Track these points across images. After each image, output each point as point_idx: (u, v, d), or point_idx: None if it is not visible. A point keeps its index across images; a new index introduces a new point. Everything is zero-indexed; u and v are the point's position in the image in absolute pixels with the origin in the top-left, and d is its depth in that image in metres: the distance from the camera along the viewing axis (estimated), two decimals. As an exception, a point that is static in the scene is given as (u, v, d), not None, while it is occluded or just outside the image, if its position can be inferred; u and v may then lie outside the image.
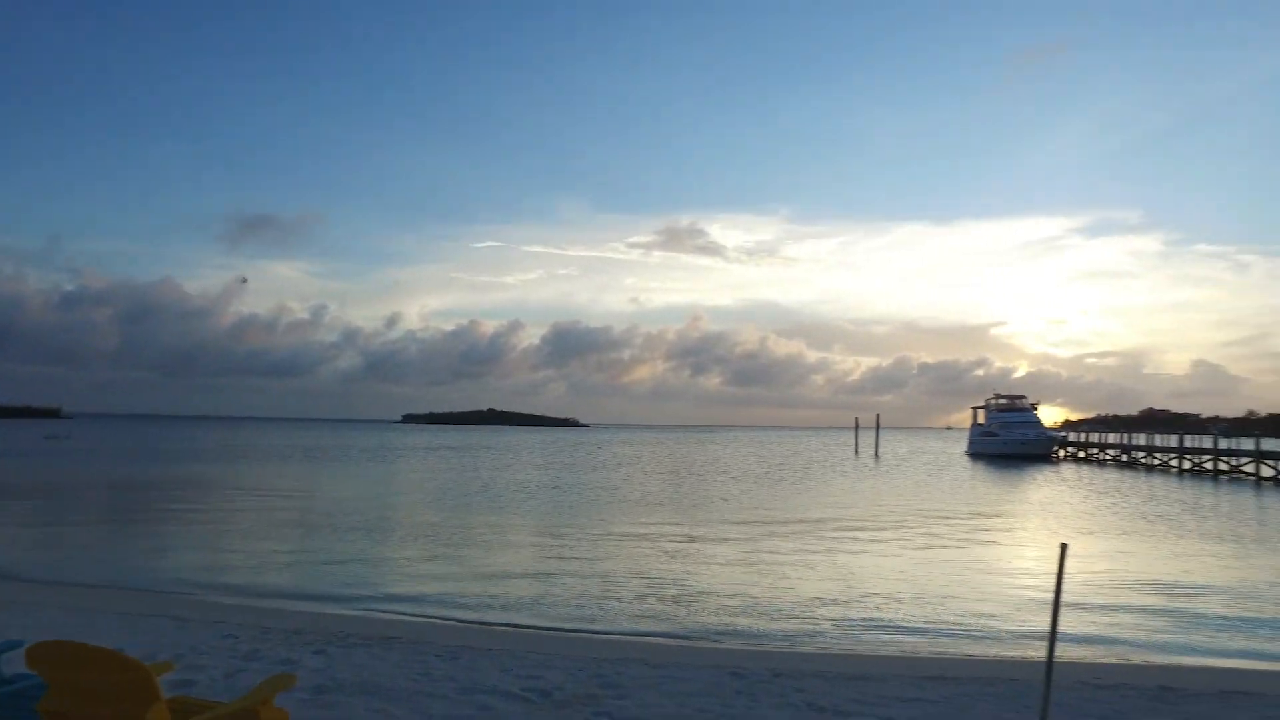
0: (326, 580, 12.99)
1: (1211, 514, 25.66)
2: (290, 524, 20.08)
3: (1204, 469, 47.13)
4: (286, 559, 14.98)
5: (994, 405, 69.94)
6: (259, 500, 25.64)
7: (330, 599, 11.51)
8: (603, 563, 14.74)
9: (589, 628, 9.99)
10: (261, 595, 11.79)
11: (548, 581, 12.95)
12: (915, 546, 17.55)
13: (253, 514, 21.99)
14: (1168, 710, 6.05)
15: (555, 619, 10.40)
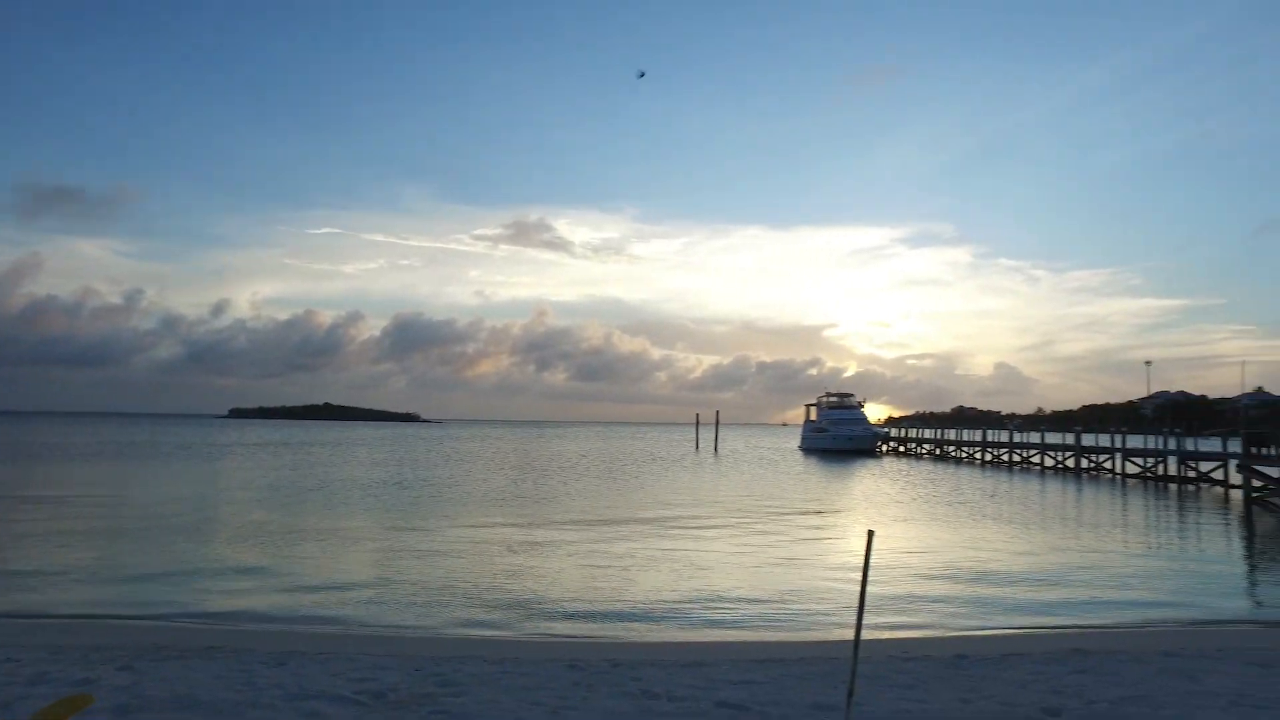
0: (137, 591, 11.94)
1: (1005, 500, 28.53)
2: (93, 531, 18.26)
3: (1002, 460, 52.24)
4: (89, 570, 13.63)
5: (825, 403, 74.29)
6: (54, 507, 23.16)
7: (140, 611, 10.62)
8: (444, 560, 14.48)
9: (427, 627, 9.82)
10: (55, 613, 10.61)
11: (386, 581, 12.57)
12: (750, 538, 18.40)
13: (47, 522, 19.84)
14: (960, 675, 6.74)
15: (392, 620, 10.13)
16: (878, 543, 15.78)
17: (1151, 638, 9.07)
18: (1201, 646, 8.12)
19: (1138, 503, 28.39)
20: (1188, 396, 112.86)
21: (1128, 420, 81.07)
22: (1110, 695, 5.96)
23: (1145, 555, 16.76)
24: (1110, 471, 41.71)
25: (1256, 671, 6.79)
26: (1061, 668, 6.97)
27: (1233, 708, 5.64)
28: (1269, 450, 28.01)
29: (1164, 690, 6.11)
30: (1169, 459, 37.86)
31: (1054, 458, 46.99)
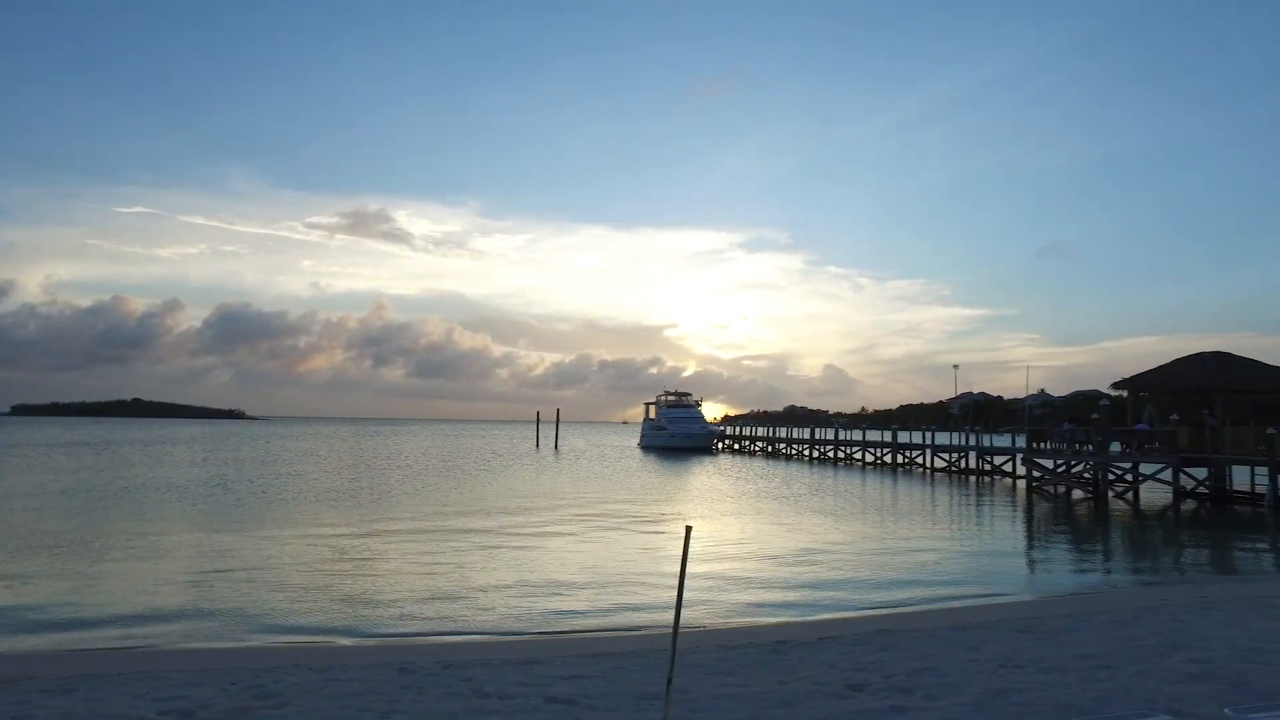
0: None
1: (828, 494, 30.48)
2: None
3: (828, 457, 55.65)
4: None
5: (664, 402, 76.19)
6: None
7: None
8: (269, 566, 13.70)
9: (247, 637, 9.29)
10: None
11: (203, 591, 11.73)
12: (587, 535, 18.64)
13: None
14: (779, 659, 7.20)
15: (207, 632, 9.50)
16: (710, 535, 16.52)
17: (944, 615, 10.05)
18: (983, 619, 9.10)
19: (943, 494, 31.15)
20: (987, 397, 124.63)
21: (938, 419, 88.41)
22: (906, 668, 6.57)
23: (946, 541, 18.45)
24: (922, 466, 45.45)
25: (1022, 638, 7.71)
26: (868, 647, 7.59)
27: (1000, 669, 6.40)
28: (1045, 445, 31.52)
29: (950, 660, 6.82)
30: (970, 454, 41.79)
31: (874, 454, 50.62)
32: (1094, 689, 5.85)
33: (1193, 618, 8.62)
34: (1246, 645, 7.20)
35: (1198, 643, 7.30)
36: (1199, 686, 5.82)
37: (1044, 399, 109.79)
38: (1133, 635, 7.81)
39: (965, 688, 5.90)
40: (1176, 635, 7.67)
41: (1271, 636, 7.60)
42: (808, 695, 5.81)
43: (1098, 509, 25.85)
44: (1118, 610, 9.42)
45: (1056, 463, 30.50)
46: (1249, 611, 8.96)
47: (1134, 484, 28.24)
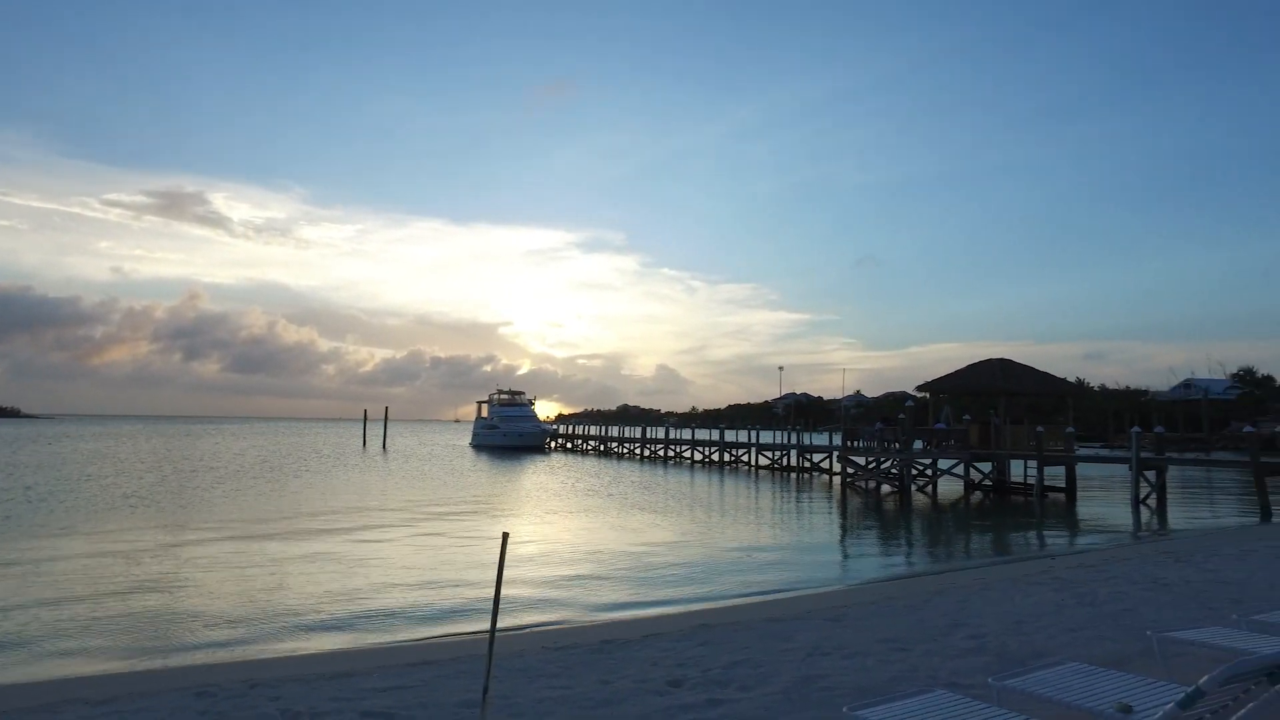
0: None
1: (658, 492, 31.23)
2: None
3: (658, 456, 57.00)
4: None
5: (497, 400, 75.21)
6: None
7: None
8: (44, 584, 12.25)
9: (7, 672, 8.26)
10: None
11: (-45, 618, 10.31)
12: (413, 537, 18.07)
13: None
14: (604, 659, 7.30)
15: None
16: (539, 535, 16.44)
17: (762, 607, 10.57)
18: (796, 610, 9.65)
19: (766, 491, 32.74)
20: (808, 398, 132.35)
21: (763, 418, 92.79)
22: (723, 661, 6.86)
23: (767, 536, 19.41)
24: (747, 464, 47.52)
25: (831, 626, 8.25)
26: (689, 642, 7.85)
27: (809, 657, 6.83)
28: (858, 443, 33.90)
29: (764, 651, 7.19)
30: (791, 452, 44.18)
31: (702, 453, 52.38)
32: (889, 670, 6.37)
33: (972, 598, 9.57)
34: (1011, 619, 8.09)
35: (974, 620, 8.12)
36: (972, 660, 6.48)
37: (859, 400, 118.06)
38: (924, 618, 8.55)
39: (777, 677, 6.24)
40: (958, 615, 8.48)
41: (1029, 609, 8.59)
42: (629, 694, 5.94)
43: (902, 502, 28.11)
44: (913, 595, 10.27)
45: (868, 460, 32.86)
46: (1015, 588, 10.06)
47: (933, 478, 30.93)
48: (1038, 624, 7.88)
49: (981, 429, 32.04)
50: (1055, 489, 29.18)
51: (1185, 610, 8.22)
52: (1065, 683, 4.52)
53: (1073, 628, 7.68)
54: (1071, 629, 7.62)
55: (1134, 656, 6.40)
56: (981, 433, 31.90)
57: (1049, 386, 34.41)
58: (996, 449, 31.33)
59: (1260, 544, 14.46)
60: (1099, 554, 15.31)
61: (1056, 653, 6.55)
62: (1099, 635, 7.33)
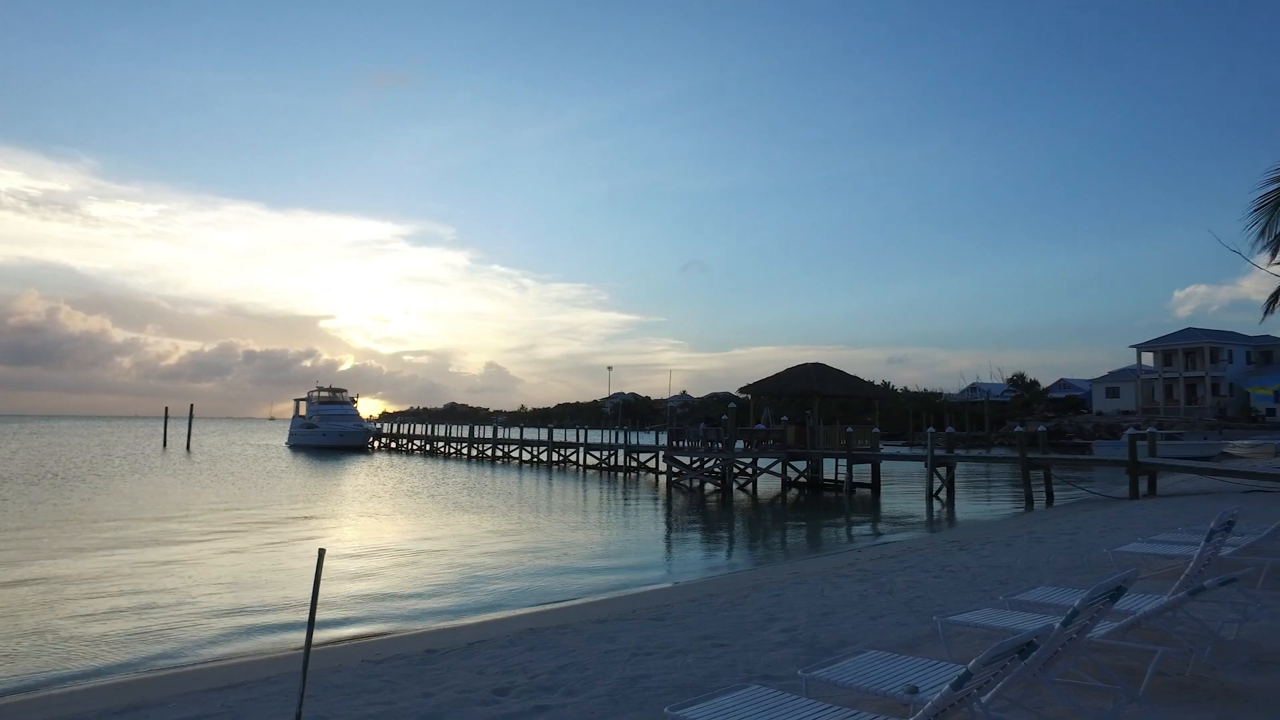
0: None
1: (486, 493, 30.79)
2: None
3: (486, 455, 56.15)
4: None
5: (316, 398, 71.31)
6: None
7: None
8: None
9: None
10: None
11: None
12: (218, 548, 16.78)
13: None
14: (428, 669, 7.12)
15: None
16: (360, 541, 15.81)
17: (589, 609, 10.70)
18: (622, 611, 9.85)
19: (594, 490, 33.10)
20: (637, 397, 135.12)
21: (592, 417, 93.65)
22: (551, 666, 6.89)
23: (596, 537, 19.64)
24: (575, 464, 47.80)
25: (654, 625, 8.50)
26: (516, 648, 7.81)
27: (634, 658, 7.00)
28: (683, 443, 35.03)
29: (590, 653, 7.29)
30: (618, 452, 44.89)
31: (530, 452, 52.13)
32: (708, 666, 6.65)
33: (786, 592, 10.17)
34: (820, 611, 8.69)
35: (787, 614, 8.64)
36: (785, 652, 6.90)
37: (685, 400, 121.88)
38: (742, 614, 8.98)
39: (602, 679, 6.35)
40: (773, 609, 8.99)
41: (837, 601, 9.26)
42: (454, 705, 5.84)
43: (724, 500, 29.33)
44: (732, 592, 10.76)
45: (692, 459, 34.01)
46: (825, 581, 10.80)
47: (753, 476, 32.50)
48: (844, 614, 8.49)
49: (798, 429, 34.07)
50: (863, 485, 31.51)
51: (966, 594, 9.14)
52: (865, 669, 4.91)
53: (874, 616, 8.34)
54: (873, 617, 8.28)
55: (924, 639, 7.05)
56: (798, 433, 33.91)
57: (858, 389, 37.15)
58: (811, 448, 33.42)
59: (1023, 531, 16.36)
60: (898, 545, 16.73)
61: (859, 641, 7.10)
62: (897, 622, 8.01)
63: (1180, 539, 9.94)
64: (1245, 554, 8.78)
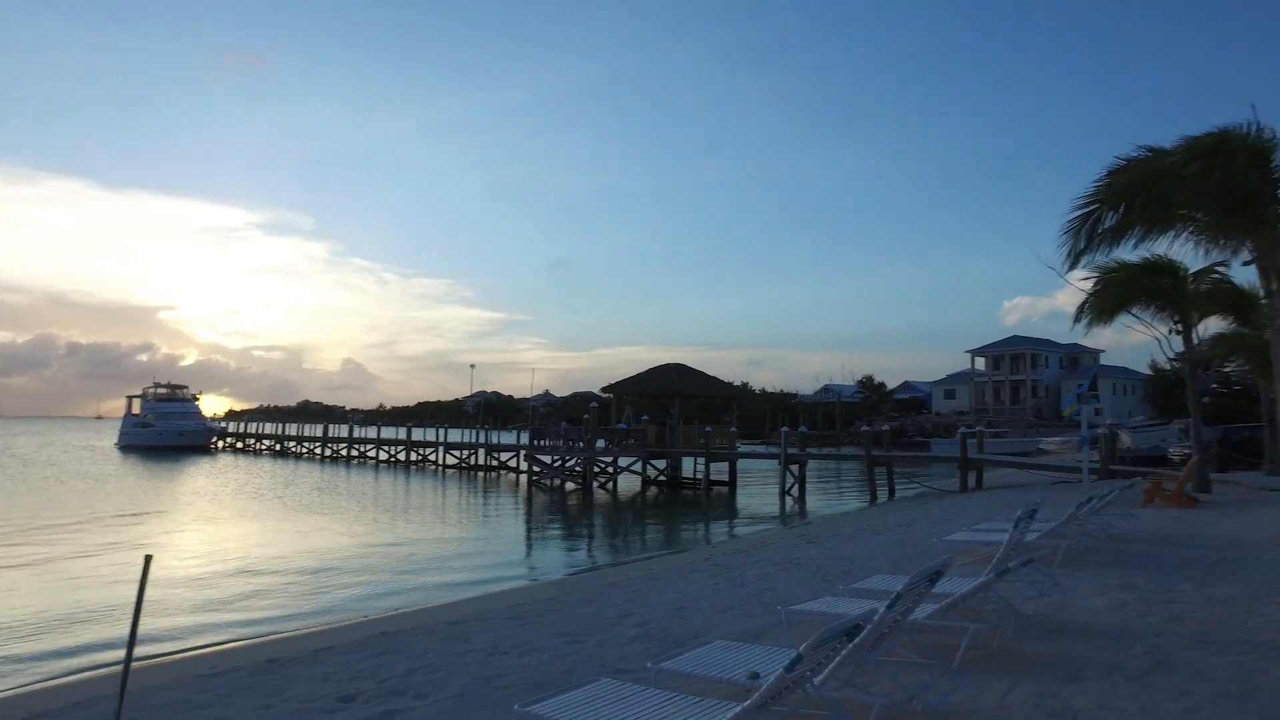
0: None
1: (340, 494, 29.56)
2: None
3: (341, 455, 53.85)
4: None
5: (152, 395, 66.20)
6: None
7: None
8: None
9: None
10: None
11: None
12: (27, 563, 15.27)
13: None
14: (269, 680, 6.79)
15: None
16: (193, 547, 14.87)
17: (445, 610, 10.51)
18: (479, 611, 9.75)
19: (453, 490, 32.45)
20: (499, 396, 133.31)
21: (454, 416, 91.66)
22: (401, 669, 6.73)
23: (454, 537, 19.28)
24: (434, 463, 46.65)
25: (511, 624, 8.47)
26: (366, 653, 7.58)
27: (489, 657, 6.96)
28: (544, 442, 34.95)
29: (444, 655, 7.18)
30: (479, 451, 44.20)
31: (388, 452, 50.45)
32: (563, 663, 6.70)
33: (642, 588, 10.38)
34: (674, 605, 8.94)
35: (642, 609, 8.83)
36: (638, 646, 7.06)
37: (548, 399, 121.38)
38: (599, 610, 9.10)
39: (454, 680, 6.28)
40: (629, 605, 9.16)
41: (690, 595, 9.55)
42: (294, 716, 5.61)
43: (585, 499, 29.48)
44: (590, 589, 10.88)
45: (554, 458, 33.97)
46: (680, 577, 11.11)
47: (614, 475, 32.83)
48: (696, 608, 8.77)
49: (658, 428, 34.72)
50: (720, 483, 32.49)
51: (811, 585, 9.64)
52: (711, 659, 5.12)
53: (724, 608, 8.66)
54: (723, 609, 8.59)
55: (770, 629, 7.40)
56: (658, 432, 34.56)
57: (718, 389, 38.29)
58: (671, 447, 34.14)
59: (866, 524, 17.43)
60: (750, 540, 17.40)
61: (709, 632, 7.35)
62: (745, 613, 8.35)
63: (997, 527, 10.88)
64: (1047, 538, 9.75)
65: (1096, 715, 4.74)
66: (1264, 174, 11.30)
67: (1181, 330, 19.91)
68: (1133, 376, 73.65)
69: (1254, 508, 15.06)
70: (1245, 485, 19.33)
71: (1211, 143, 11.83)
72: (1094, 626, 6.79)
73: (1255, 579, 8.70)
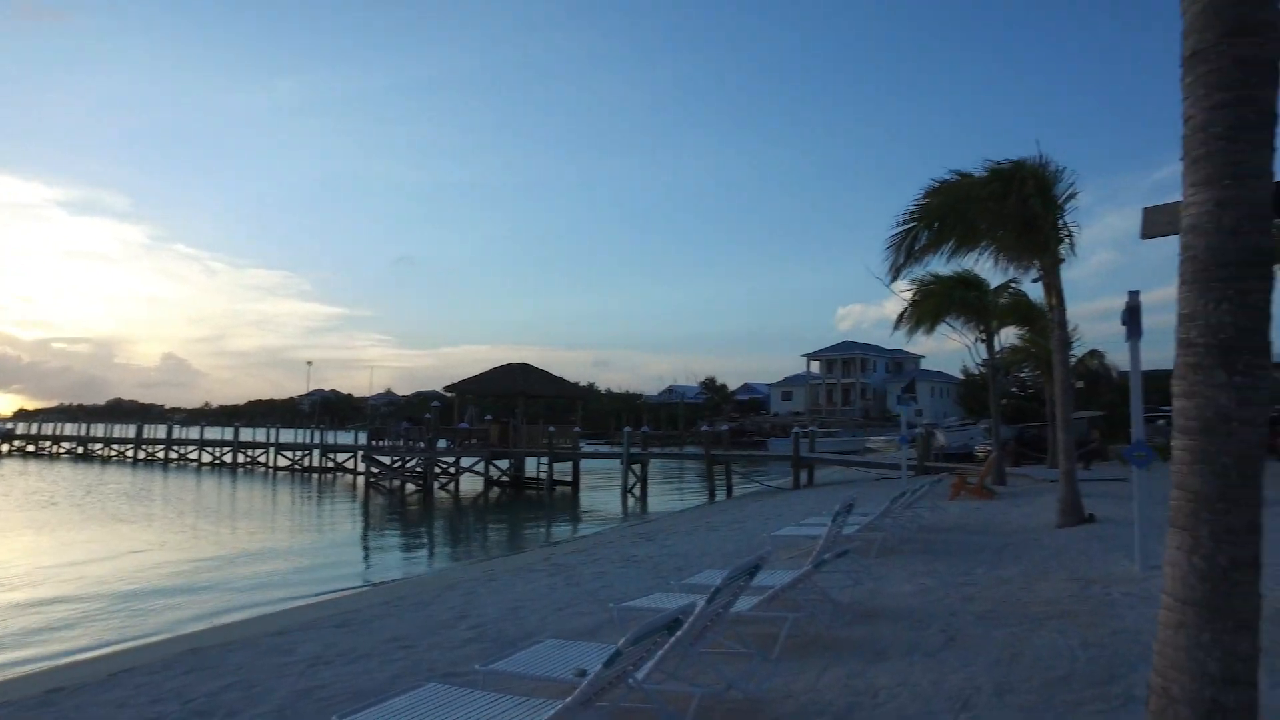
0: None
1: (155, 500, 27.19)
2: None
3: (157, 458, 49.55)
4: None
5: (-81, 391, 58.26)
6: None
7: None
8: None
9: None
10: None
11: None
12: None
13: None
14: (50, 711, 6.16)
15: None
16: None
17: (266, 620, 9.92)
18: (305, 620, 9.26)
19: (285, 494, 30.65)
20: (338, 394, 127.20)
21: (288, 415, 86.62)
22: (212, 688, 6.29)
23: (284, 543, 18.20)
24: (265, 465, 43.86)
25: (338, 632, 8.12)
26: (172, 672, 7.02)
27: (310, 668, 6.64)
28: (384, 442, 33.74)
29: (261, 669, 6.78)
30: (314, 452, 42.00)
31: (211, 453, 46.95)
32: (391, 669, 6.50)
33: (479, 589, 10.24)
34: (510, 606, 8.88)
35: (477, 611, 8.72)
36: (471, 649, 6.97)
37: (391, 398, 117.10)
38: (432, 613, 8.89)
39: (271, 695, 5.94)
40: (464, 607, 9.01)
41: (527, 595, 9.52)
42: (82, 744, 5.13)
43: (425, 500, 28.68)
44: (425, 592, 10.59)
45: (393, 459, 32.83)
46: (518, 577, 11.04)
47: (456, 476, 32.15)
48: (532, 608, 8.75)
49: (502, 428, 34.34)
50: (564, 482, 32.52)
51: (646, 581, 9.86)
52: (541, 658, 5.13)
53: (560, 607, 8.69)
54: (559, 608, 8.62)
55: (604, 626, 7.50)
56: (502, 432, 34.17)
57: (563, 389, 38.32)
58: (514, 447, 33.84)
59: (703, 521, 18.02)
60: (590, 539, 17.54)
61: (543, 632, 7.35)
62: (580, 611, 8.41)
63: (821, 522, 11.55)
64: (865, 530, 10.48)
65: (895, 690, 5.15)
66: (1047, 200, 12.68)
67: (985, 338, 21.97)
68: (948, 380, 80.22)
69: (1037, 497, 16.82)
70: (1033, 478, 21.55)
71: (1008, 169, 13.14)
72: (901, 610, 7.36)
73: (1034, 559, 9.73)
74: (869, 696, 5.05)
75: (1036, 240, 12.80)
